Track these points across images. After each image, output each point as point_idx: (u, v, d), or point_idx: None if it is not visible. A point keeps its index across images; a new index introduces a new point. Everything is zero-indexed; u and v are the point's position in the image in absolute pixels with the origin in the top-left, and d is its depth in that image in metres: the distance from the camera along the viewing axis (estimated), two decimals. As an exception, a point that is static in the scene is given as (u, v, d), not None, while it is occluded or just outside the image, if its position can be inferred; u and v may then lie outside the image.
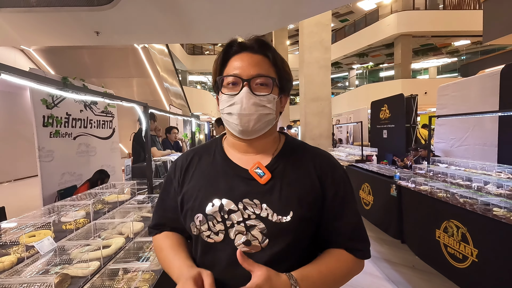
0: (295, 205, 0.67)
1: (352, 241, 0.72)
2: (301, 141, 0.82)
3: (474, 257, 2.15)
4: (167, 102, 8.78)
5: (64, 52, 7.61)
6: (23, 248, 1.11)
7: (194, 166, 0.77)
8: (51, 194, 2.87)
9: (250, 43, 0.71)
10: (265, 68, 0.70)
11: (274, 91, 0.70)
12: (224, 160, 0.75)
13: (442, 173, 2.93)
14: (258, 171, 0.69)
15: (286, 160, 0.73)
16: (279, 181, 0.69)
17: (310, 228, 0.70)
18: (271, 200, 0.67)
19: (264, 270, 0.59)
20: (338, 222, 0.71)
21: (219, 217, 0.68)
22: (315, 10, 4.08)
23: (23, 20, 3.86)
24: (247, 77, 0.68)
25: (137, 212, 1.78)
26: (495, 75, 3.81)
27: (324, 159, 0.75)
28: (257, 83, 0.69)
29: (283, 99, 0.76)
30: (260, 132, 0.72)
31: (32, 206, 3.38)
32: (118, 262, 1.26)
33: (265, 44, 0.71)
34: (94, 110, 3.57)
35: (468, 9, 12.77)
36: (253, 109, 0.68)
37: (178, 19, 3.99)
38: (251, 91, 0.68)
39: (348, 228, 0.72)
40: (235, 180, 0.70)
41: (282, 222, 0.65)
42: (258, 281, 0.57)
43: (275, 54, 0.72)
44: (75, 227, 1.38)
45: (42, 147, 2.78)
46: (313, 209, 0.69)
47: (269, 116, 0.71)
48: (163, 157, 3.34)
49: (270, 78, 0.69)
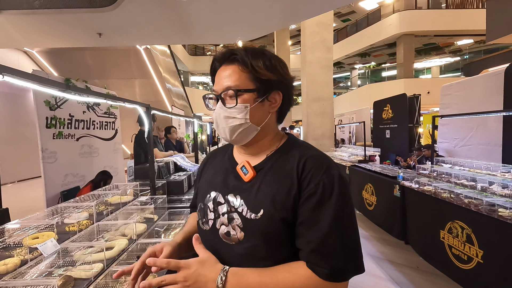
0: (266, 204, 0.67)
1: (314, 254, 0.62)
2: (303, 141, 0.80)
3: (479, 258, 2.12)
4: (169, 103, 8.80)
5: (66, 53, 7.65)
6: (26, 250, 1.11)
7: (210, 162, 0.87)
8: (55, 195, 2.87)
9: (221, 56, 0.73)
10: (234, 78, 0.70)
11: (243, 100, 0.70)
12: (229, 159, 0.81)
13: (446, 174, 2.90)
14: (243, 169, 0.74)
15: (275, 160, 0.74)
16: (260, 180, 0.71)
17: (281, 229, 0.65)
18: (248, 197, 0.70)
19: (205, 255, 0.65)
20: (304, 228, 0.64)
21: (212, 207, 0.74)
22: (317, 10, 4.07)
23: (26, 22, 3.88)
24: (219, 91, 0.72)
25: (140, 214, 1.77)
26: (499, 74, 3.78)
27: (311, 159, 0.69)
28: (228, 95, 0.71)
29: (275, 97, 0.73)
30: (243, 141, 0.74)
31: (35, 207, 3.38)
32: (121, 264, 1.26)
33: (232, 52, 0.72)
34: (96, 111, 3.58)
35: (471, 8, 12.69)
36: (223, 122, 0.72)
37: (180, 20, 4.00)
38: (224, 104, 0.71)
39: (314, 238, 0.62)
40: (230, 176, 0.76)
41: (252, 219, 0.67)
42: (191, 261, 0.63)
43: (243, 59, 0.69)
44: (78, 228, 1.37)
45: (46, 148, 2.79)
46: (285, 210, 0.65)
47: (243, 126, 0.71)
48: (165, 158, 3.34)
49: (234, 90, 0.69)
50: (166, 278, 0.60)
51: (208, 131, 8.28)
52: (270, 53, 0.74)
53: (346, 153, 6.08)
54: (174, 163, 3.25)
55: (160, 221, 1.81)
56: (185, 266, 0.61)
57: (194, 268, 0.61)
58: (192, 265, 0.61)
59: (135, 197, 2.06)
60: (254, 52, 0.71)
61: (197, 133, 4.51)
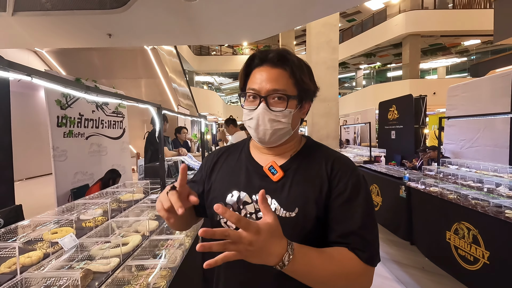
0: (300, 202, 0.70)
1: (356, 240, 0.68)
2: (321, 144, 0.84)
3: (485, 259, 2.14)
4: (175, 103, 8.86)
5: (74, 53, 7.74)
6: (48, 244, 1.16)
7: (222, 161, 0.85)
8: (65, 193, 2.92)
9: (270, 56, 0.74)
10: (282, 82, 0.72)
11: (290, 105, 0.73)
12: (247, 157, 0.82)
13: (453, 175, 2.91)
14: (271, 169, 0.75)
15: (300, 160, 0.77)
16: (290, 179, 0.74)
17: (315, 226, 0.70)
18: (281, 196, 0.72)
19: (274, 223, 0.57)
20: (340, 223, 0.70)
21: (236, 206, 0.75)
22: (324, 12, 4.08)
23: (38, 24, 3.95)
24: (264, 93, 0.72)
25: (151, 211, 1.82)
26: (507, 75, 3.76)
27: (337, 161, 0.75)
28: (273, 98, 0.72)
29: (306, 105, 0.79)
30: (276, 143, 0.76)
31: (45, 204, 3.45)
32: (135, 259, 1.30)
33: (284, 57, 0.73)
34: (105, 111, 3.63)
35: (478, 8, 12.55)
36: (268, 124, 0.72)
37: (189, 22, 4.04)
38: (268, 107, 0.72)
39: (351, 231, 0.68)
40: (253, 175, 0.77)
41: (287, 217, 0.70)
42: (262, 226, 0.55)
43: (294, 66, 0.73)
44: (94, 225, 1.42)
45: (57, 146, 2.84)
46: (319, 207, 0.70)
47: (284, 130, 0.74)
48: (174, 157, 3.39)
49: (285, 95, 0.72)
50: (231, 234, 0.53)
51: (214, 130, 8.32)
52: (305, 62, 0.77)
53: (351, 154, 6.09)
54: (182, 162, 3.30)
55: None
56: (255, 231, 0.54)
57: (264, 236, 0.55)
58: (263, 231, 0.54)
59: (146, 195, 2.11)
60: (298, 60, 0.75)
61: (204, 133, 4.56)
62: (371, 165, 4.71)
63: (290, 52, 0.75)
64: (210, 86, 23.18)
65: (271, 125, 0.72)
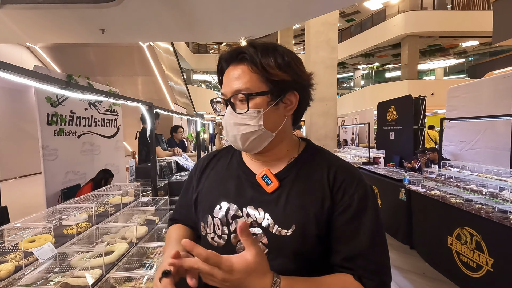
0: (298, 218, 0.61)
1: (362, 267, 0.59)
2: (323, 148, 0.74)
3: (489, 267, 2.06)
4: (172, 101, 8.76)
5: (69, 50, 7.61)
6: (21, 255, 1.06)
7: (212, 167, 0.77)
8: (55, 193, 2.84)
9: (229, 55, 0.65)
10: (244, 79, 0.62)
11: (256, 104, 0.62)
12: (239, 164, 0.73)
13: (455, 178, 2.84)
14: (265, 178, 0.65)
15: (299, 169, 0.67)
16: (287, 190, 0.64)
17: (315, 246, 0.61)
18: (275, 210, 0.63)
19: (253, 260, 0.50)
20: (345, 243, 0.61)
21: (224, 220, 0.66)
22: (324, 9, 4.00)
23: (28, 17, 3.83)
24: (229, 95, 0.64)
25: (141, 215, 1.72)
26: (509, 77, 3.71)
27: (341, 170, 0.65)
28: (238, 99, 0.63)
29: (290, 99, 0.66)
30: (257, 149, 0.66)
31: (36, 204, 3.35)
32: (120, 270, 1.21)
33: (240, 51, 0.63)
34: (98, 109, 3.54)
35: (477, 9, 12.56)
36: (235, 130, 0.64)
37: (184, 17, 3.93)
38: (234, 110, 0.64)
39: (358, 252, 0.60)
40: (244, 185, 0.68)
41: (281, 235, 0.60)
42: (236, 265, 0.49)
43: (253, 57, 0.61)
44: (76, 231, 1.32)
45: (46, 145, 2.75)
46: (320, 224, 0.61)
47: (256, 133, 0.63)
48: (168, 158, 3.29)
49: (245, 94, 0.61)
50: (202, 268, 0.48)
51: (211, 129, 8.22)
52: (283, 48, 0.65)
53: (350, 155, 6.01)
54: (177, 163, 3.20)
55: (162, 224, 1.75)
56: (228, 270, 0.49)
57: (238, 275, 0.49)
58: (237, 271, 0.49)
59: (136, 198, 2.01)
60: (264, 49, 0.62)
61: (200, 132, 4.46)
62: (370, 166, 4.64)
63: (255, 42, 0.64)
64: (208, 84, 23.05)
65: (237, 129, 0.64)
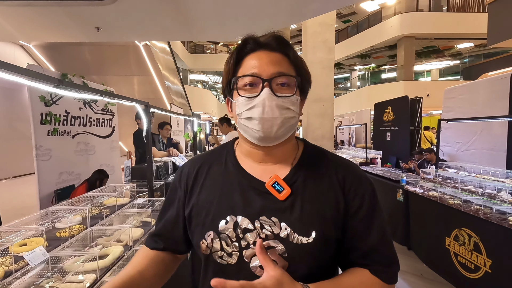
0: (318, 224, 0.59)
1: (376, 262, 0.63)
2: (321, 148, 0.72)
3: (487, 268, 2.06)
4: (168, 101, 8.69)
5: (64, 48, 7.51)
6: (11, 259, 1.02)
7: (204, 176, 0.68)
8: (48, 194, 2.78)
9: (267, 40, 0.63)
10: (285, 67, 0.62)
11: (297, 92, 0.63)
12: (237, 170, 0.66)
13: (452, 179, 2.84)
14: (276, 186, 0.61)
15: (306, 171, 0.64)
16: (300, 196, 0.61)
17: (333, 248, 0.62)
18: (291, 218, 0.59)
19: (278, 272, 0.53)
20: (360, 241, 0.63)
21: (233, 236, 0.60)
22: (322, 9, 3.99)
23: (21, 15, 3.75)
24: (267, 76, 0.60)
25: (136, 217, 1.69)
26: (505, 78, 3.72)
27: (348, 169, 0.66)
28: (278, 83, 0.61)
29: (303, 101, 0.69)
30: (282, 138, 0.63)
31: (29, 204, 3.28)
32: (116, 274, 1.17)
33: (284, 42, 0.64)
34: (94, 108, 3.48)
35: (472, 11, 12.70)
36: (277, 112, 0.59)
37: (180, 16, 3.89)
38: (273, 92, 0.60)
39: (372, 248, 0.63)
40: (250, 194, 0.62)
41: (303, 244, 0.58)
42: (268, 282, 0.51)
43: (294, 52, 0.65)
44: (70, 234, 1.28)
45: (40, 145, 2.70)
46: (337, 227, 0.61)
47: (293, 120, 0.63)
48: (164, 158, 3.25)
49: (293, 77, 0.62)
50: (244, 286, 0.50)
51: (208, 130, 8.18)
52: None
53: (347, 155, 6.02)
54: (173, 163, 3.16)
55: (158, 225, 1.71)
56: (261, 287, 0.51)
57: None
58: (269, 286, 0.51)
59: (132, 199, 1.97)
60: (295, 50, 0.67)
61: (196, 132, 4.41)
62: (367, 167, 4.64)
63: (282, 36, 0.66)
64: (205, 84, 22.96)
65: (280, 112, 0.59)
